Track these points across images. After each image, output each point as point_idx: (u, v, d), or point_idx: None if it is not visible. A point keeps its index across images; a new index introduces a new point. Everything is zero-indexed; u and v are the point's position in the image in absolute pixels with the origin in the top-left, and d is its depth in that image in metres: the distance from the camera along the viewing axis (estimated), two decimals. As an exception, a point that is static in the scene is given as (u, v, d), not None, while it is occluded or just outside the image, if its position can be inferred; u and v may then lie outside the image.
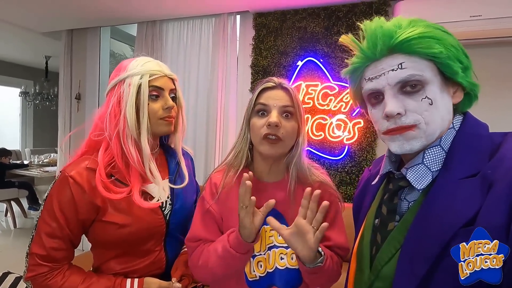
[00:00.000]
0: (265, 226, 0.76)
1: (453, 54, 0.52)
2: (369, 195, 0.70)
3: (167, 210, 0.85)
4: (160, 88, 0.82)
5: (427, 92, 0.52)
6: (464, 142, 0.53)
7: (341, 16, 2.12)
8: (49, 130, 5.44)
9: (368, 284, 0.58)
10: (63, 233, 0.75)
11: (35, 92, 4.84)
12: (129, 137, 0.79)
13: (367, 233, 0.63)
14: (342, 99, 2.11)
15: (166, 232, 0.85)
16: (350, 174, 2.12)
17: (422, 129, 0.53)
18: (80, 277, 0.77)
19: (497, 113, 1.83)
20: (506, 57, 1.83)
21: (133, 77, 0.80)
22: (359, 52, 0.58)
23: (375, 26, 0.55)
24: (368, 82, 0.57)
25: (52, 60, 4.50)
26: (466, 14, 1.67)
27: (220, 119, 2.45)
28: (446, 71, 0.53)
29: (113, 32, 3.12)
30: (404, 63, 0.52)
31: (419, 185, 0.54)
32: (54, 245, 0.74)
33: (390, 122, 0.54)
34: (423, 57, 0.52)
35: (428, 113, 0.52)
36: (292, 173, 0.78)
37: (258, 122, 0.75)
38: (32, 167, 4.22)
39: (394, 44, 0.53)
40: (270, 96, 0.76)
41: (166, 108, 0.82)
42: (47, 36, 3.21)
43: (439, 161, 0.54)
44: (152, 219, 0.81)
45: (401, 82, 0.53)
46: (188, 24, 2.60)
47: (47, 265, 0.74)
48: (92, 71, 3.00)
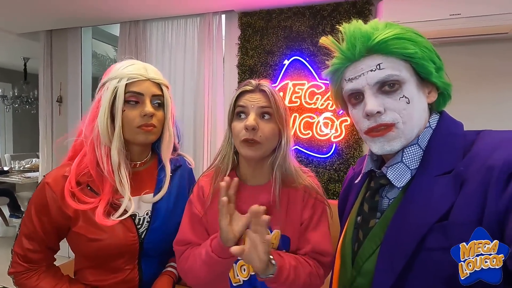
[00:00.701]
0: (248, 230, 0.75)
1: (427, 55, 0.54)
2: (352, 193, 0.72)
3: (143, 228, 0.80)
4: (139, 93, 0.76)
5: (404, 91, 0.54)
6: (440, 140, 0.55)
7: (326, 15, 2.14)
8: (29, 134, 5.25)
9: (351, 281, 0.59)
10: (38, 237, 0.76)
11: (14, 95, 4.65)
12: (102, 144, 0.76)
13: (350, 231, 0.64)
14: (329, 98, 2.13)
15: (140, 251, 0.80)
16: (338, 172, 2.15)
17: (400, 129, 0.55)
18: (53, 282, 0.78)
19: (475, 108, 1.90)
20: (483, 54, 1.89)
21: (112, 81, 0.76)
22: (339, 53, 0.60)
23: (354, 28, 0.57)
24: (348, 83, 0.59)
25: (31, 61, 4.33)
26: (446, 13, 1.71)
27: (207, 119, 2.42)
28: (421, 71, 0.55)
29: (95, 32, 3.03)
30: (382, 63, 0.55)
31: (398, 183, 0.56)
32: (30, 247, 0.76)
33: (371, 121, 0.56)
34: (399, 57, 0.54)
35: (406, 112, 0.54)
36: (276, 175, 0.77)
37: (237, 126, 0.76)
38: (13, 173, 4.06)
39: (372, 45, 0.55)
40: (247, 98, 0.77)
41: (143, 116, 0.76)
42: (25, 37, 3.08)
43: (417, 159, 0.56)
44: (124, 236, 0.76)
45: (380, 82, 0.55)
46: (173, 24, 2.56)
47: (23, 265, 0.77)
48: (73, 73, 2.91)
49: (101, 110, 0.75)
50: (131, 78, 0.76)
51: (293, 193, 0.79)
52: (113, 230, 0.75)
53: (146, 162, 0.87)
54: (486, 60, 1.89)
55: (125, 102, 0.76)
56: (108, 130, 0.75)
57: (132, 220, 0.79)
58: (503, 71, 1.87)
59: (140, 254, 0.80)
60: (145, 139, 0.79)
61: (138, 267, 0.81)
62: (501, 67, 1.87)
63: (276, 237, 0.76)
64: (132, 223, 0.79)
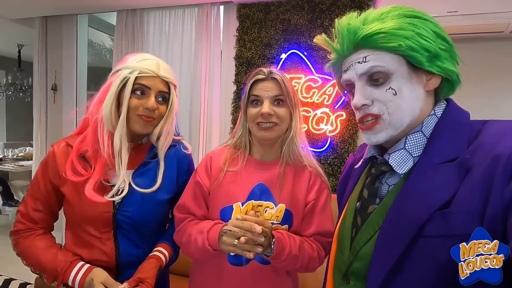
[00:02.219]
0: (253, 201, 0.82)
1: (418, 45, 0.53)
2: (352, 179, 0.72)
3: (118, 198, 0.83)
4: (146, 87, 0.82)
5: (391, 83, 0.55)
6: (445, 128, 0.55)
7: (325, 9, 2.13)
8: (23, 122, 5.19)
9: (347, 265, 0.60)
10: (41, 196, 0.84)
11: (8, 82, 4.57)
12: (105, 126, 0.81)
13: (349, 216, 0.65)
14: (325, 92, 2.14)
15: (114, 222, 0.83)
16: (333, 166, 2.17)
17: (386, 120, 0.56)
18: (45, 244, 0.83)
19: (472, 105, 1.91)
20: (480, 52, 1.90)
21: (125, 70, 0.81)
22: (331, 51, 0.63)
23: (344, 24, 0.59)
24: (343, 74, 0.61)
25: (25, 48, 4.26)
26: (443, 10, 1.72)
27: (203, 110, 2.42)
28: (412, 61, 0.55)
29: (91, 20, 2.98)
30: (368, 56, 0.56)
31: (400, 170, 0.56)
32: (34, 205, 0.84)
33: (360, 112, 0.58)
34: (386, 50, 0.55)
35: (392, 103, 0.55)
36: (285, 152, 0.85)
37: (252, 111, 0.83)
38: (6, 162, 4.02)
39: (358, 41, 0.56)
40: (261, 87, 0.83)
41: (145, 108, 0.81)
42: (19, 23, 3.03)
43: (420, 147, 0.56)
44: (98, 202, 0.80)
45: (366, 73, 0.56)
46: (170, 14, 2.53)
47: (25, 223, 0.84)
48: (69, 61, 2.88)
49: (108, 95, 0.81)
50: (142, 72, 0.81)
51: (300, 172, 0.87)
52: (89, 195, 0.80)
53: (141, 144, 0.92)
54: (482, 58, 1.90)
55: (132, 92, 0.81)
56: (111, 115, 0.81)
57: (111, 190, 0.83)
58: (500, 69, 1.89)
59: (115, 226, 0.84)
60: (142, 129, 0.84)
61: (114, 239, 0.84)
62: (497, 65, 1.89)
63: (281, 210, 0.82)
64: (110, 191, 0.82)
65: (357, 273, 0.58)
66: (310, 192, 0.85)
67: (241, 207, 0.81)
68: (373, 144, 0.59)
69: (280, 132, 0.83)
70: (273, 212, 0.81)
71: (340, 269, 0.62)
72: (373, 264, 0.53)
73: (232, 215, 0.81)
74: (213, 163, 0.88)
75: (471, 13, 1.69)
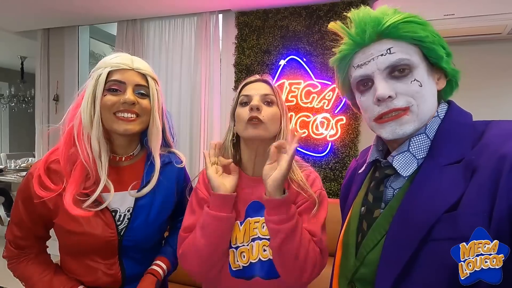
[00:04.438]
0: (250, 218, 0.78)
1: (437, 40, 0.54)
2: (355, 184, 0.71)
3: (122, 225, 0.79)
4: (120, 81, 0.75)
5: (415, 75, 0.54)
6: (449, 130, 0.54)
7: (322, 15, 2.15)
8: (26, 133, 5.22)
9: (353, 271, 0.58)
10: (25, 225, 0.78)
11: (11, 94, 4.64)
12: (85, 132, 0.75)
13: (354, 221, 0.63)
14: (325, 97, 2.14)
15: (119, 248, 0.78)
16: (334, 170, 2.16)
17: (415, 112, 0.54)
18: (40, 269, 0.79)
19: (469, 107, 1.91)
20: (477, 54, 1.90)
21: (97, 70, 0.76)
22: (348, 38, 0.59)
23: (363, 14, 0.57)
24: (357, 69, 0.58)
25: (28, 60, 4.32)
26: (440, 13, 1.73)
27: (204, 118, 2.43)
28: (431, 56, 0.55)
29: (92, 31, 3.03)
30: (393, 48, 0.54)
31: (405, 172, 0.55)
32: (19, 234, 0.79)
33: (382, 107, 0.55)
34: (409, 41, 0.54)
35: (419, 95, 0.53)
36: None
37: (241, 111, 0.80)
38: (8, 172, 4.04)
39: (383, 29, 0.54)
40: (251, 88, 0.82)
41: (123, 103, 0.74)
42: (22, 35, 3.08)
43: (424, 149, 0.55)
44: (102, 231, 0.75)
45: (390, 66, 0.54)
46: (170, 23, 2.57)
47: (14, 250, 0.80)
48: (70, 71, 2.91)
49: (84, 97, 0.75)
50: (114, 66, 0.75)
51: (292, 182, 0.80)
52: (90, 223, 0.74)
53: (133, 157, 0.85)
54: (480, 60, 1.90)
55: (106, 90, 0.75)
56: (90, 117, 0.74)
57: (113, 217, 0.78)
58: (497, 70, 1.89)
59: (120, 251, 0.79)
60: (125, 130, 0.76)
61: (119, 263, 0.80)
62: (495, 67, 1.89)
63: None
64: (112, 219, 0.77)
65: (364, 279, 0.56)
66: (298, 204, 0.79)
67: (240, 226, 0.78)
68: (398, 137, 0.55)
69: (266, 132, 0.78)
70: None
71: (345, 276, 0.61)
72: (380, 270, 0.52)
73: (231, 235, 0.77)
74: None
75: (467, 15, 1.70)
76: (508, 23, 1.66)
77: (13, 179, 3.80)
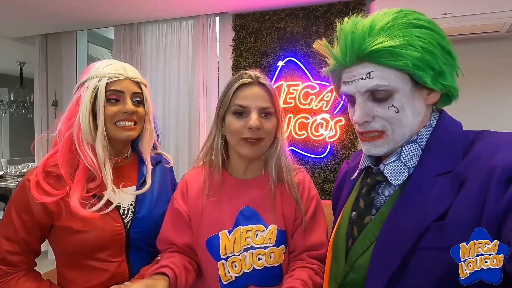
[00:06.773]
0: (241, 227, 0.76)
1: (425, 62, 0.51)
2: (346, 188, 0.71)
3: (128, 218, 0.82)
4: (120, 91, 0.79)
5: (394, 100, 0.53)
6: (439, 140, 0.55)
7: (319, 16, 2.15)
8: (26, 138, 5.23)
9: (343, 275, 0.59)
10: (19, 238, 0.75)
11: (10, 99, 4.65)
12: (85, 141, 0.78)
13: (344, 226, 0.64)
14: (323, 98, 2.13)
15: (127, 242, 0.80)
16: (334, 172, 2.15)
17: (390, 136, 0.55)
18: (35, 285, 0.76)
19: (468, 107, 1.90)
20: (475, 53, 1.90)
21: (92, 80, 0.78)
22: (332, 59, 0.59)
23: (348, 30, 0.55)
24: (343, 85, 0.59)
25: (27, 66, 4.33)
26: (437, 12, 1.72)
27: (202, 121, 2.42)
28: (417, 80, 0.54)
29: (90, 36, 3.03)
30: (373, 72, 0.53)
31: (395, 181, 0.56)
32: (10, 248, 0.75)
33: (361, 126, 0.57)
34: (392, 67, 0.52)
35: (395, 120, 0.54)
36: (273, 170, 0.77)
37: (236, 123, 0.73)
38: (9, 178, 4.04)
39: (363, 55, 0.53)
40: (247, 95, 0.73)
41: (124, 112, 0.79)
42: (20, 41, 3.09)
43: (415, 158, 0.56)
44: (109, 226, 0.77)
45: (369, 91, 0.55)
46: (167, 27, 2.57)
47: (2, 268, 0.75)
48: (69, 76, 2.91)
49: (82, 108, 0.77)
50: (111, 77, 0.78)
51: (285, 188, 0.79)
52: (98, 220, 0.76)
53: (127, 158, 0.90)
54: (478, 59, 1.89)
55: (106, 100, 0.78)
56: (90, 127, 0.77)
57: (117, 211, 0.80)
58: (496, 69, 1.88)
59: (128, 245, 0.81)
60: (127, 136, 0.82)
61: (127, 260, 0.80)
62: (493, 66, 1.88)
63: (272, 232, 0.75)
64: (117, 214, 0.80)
65: (353, 284, 0.57)
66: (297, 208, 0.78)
67: (229, 235, 0.74)
68: (372, 155, 0.59)
69: (265, 148, 0.76)
70: (265, 235, 0.74)
71: (335, 279, 0.61)
72: (370, 276, 0.52)
73: (219, 245, 0.74)
74: (189, 188, 0.81)
75: (465, 14, 1.69)
76: (507, 21, 1.65)
77: (14, 184, 3.80)
